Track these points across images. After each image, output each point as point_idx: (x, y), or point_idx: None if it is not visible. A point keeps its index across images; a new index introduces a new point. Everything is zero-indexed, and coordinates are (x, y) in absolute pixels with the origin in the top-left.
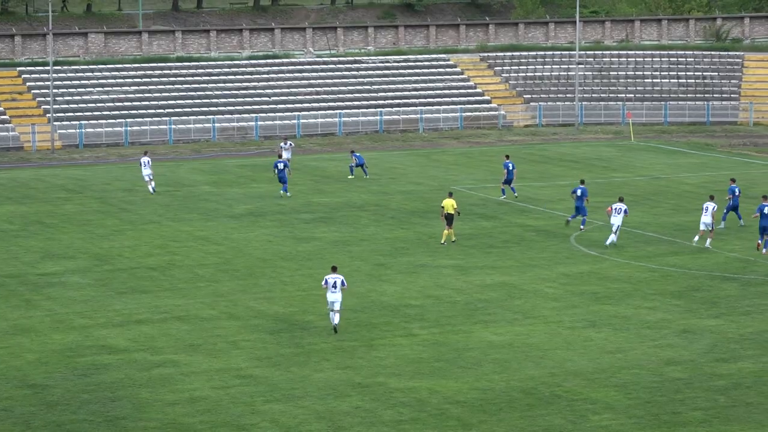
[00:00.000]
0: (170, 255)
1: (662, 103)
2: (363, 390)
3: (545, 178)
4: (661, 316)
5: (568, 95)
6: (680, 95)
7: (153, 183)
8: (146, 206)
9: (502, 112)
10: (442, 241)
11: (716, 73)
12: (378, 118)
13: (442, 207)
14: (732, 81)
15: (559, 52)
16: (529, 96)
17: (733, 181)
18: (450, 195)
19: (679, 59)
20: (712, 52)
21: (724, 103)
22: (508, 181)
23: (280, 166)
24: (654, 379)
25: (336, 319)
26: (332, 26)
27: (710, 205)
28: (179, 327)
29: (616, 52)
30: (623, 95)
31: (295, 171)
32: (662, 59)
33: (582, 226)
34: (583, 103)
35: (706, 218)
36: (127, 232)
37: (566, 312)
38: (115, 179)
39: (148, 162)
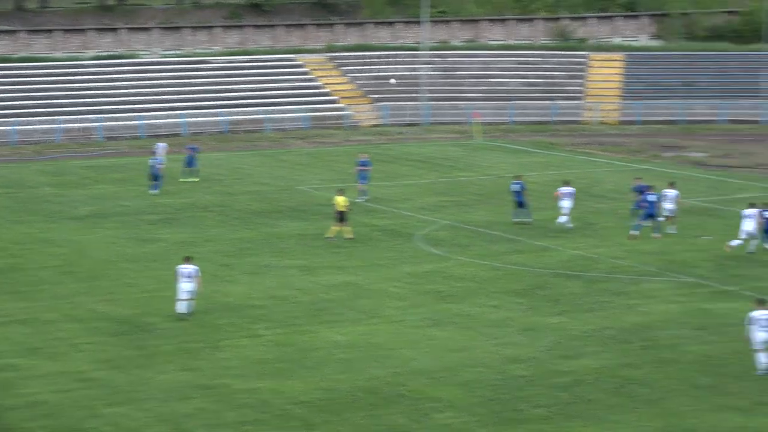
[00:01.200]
0: (12, 258)
1: (508, 102)
2: (206, 392)
3: (391, 178)
4: (505, 314)
5: (414, 95)
6: (526, 95)
7: None
8: None
9: (349, 112)
10: (329, 236)
11: (561, 73)
12: (224, 118)
13: (334, 204)
14: (577, 80)
15: (406, 52)
16: (376, 96)
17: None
18: (341, 192)
19: (525, 59)
20: (558, 52)
21: (569, 102)
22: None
23: (155, 164)
24: (497, 377)
25: (184, 308)
26: (178, 26)
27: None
28: (20, 330)
29: (463, 52)
30: (470, 95)
31: (138, 172)
32: (508, 59)
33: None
34: (430, 102)
35: None
36: None
37: (411, 311)
38: None
39: None
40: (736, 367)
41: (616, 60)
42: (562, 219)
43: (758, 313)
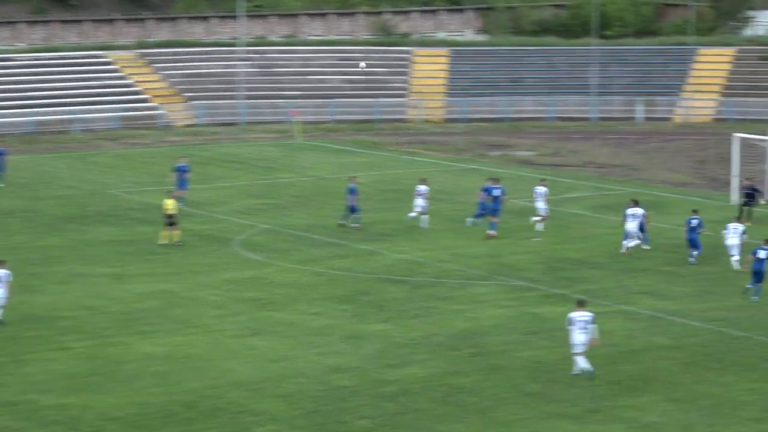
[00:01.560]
0: None
1: (329, 100)
2: (11, 409)
3: (207, 180)
4: (327, 321)
5: (231, 93)
6: (348, 92)
7: None
8: None
9: (162, 112)
10: (162, 242)
11: (384, 69)
12: (29, 119)
13: (163, 207)
14: (400, 77)
15: (221, 48)
16: (190, 94)
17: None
18: (169, 194)
19: (347, 55)
20: (380, 48)
21: (392, 100)
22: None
23: None
24: (319, 388)
25: None
26: None
27: None
28: None
29: (282, 48)
30: (289, 93)
31: None
32: (329, 55)
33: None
34: (247, 101)
35: None
36: None
37: (229, 320)
38: None
39: None
40: (566, 373)
41: (440, 55)
42: (412, 215)
43: (577, 314)
